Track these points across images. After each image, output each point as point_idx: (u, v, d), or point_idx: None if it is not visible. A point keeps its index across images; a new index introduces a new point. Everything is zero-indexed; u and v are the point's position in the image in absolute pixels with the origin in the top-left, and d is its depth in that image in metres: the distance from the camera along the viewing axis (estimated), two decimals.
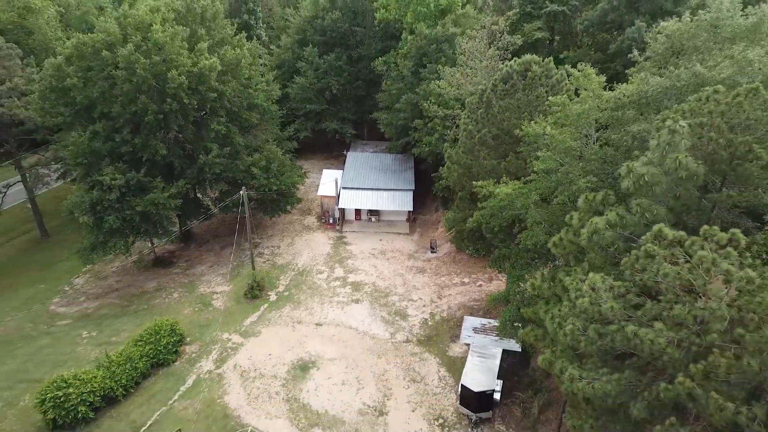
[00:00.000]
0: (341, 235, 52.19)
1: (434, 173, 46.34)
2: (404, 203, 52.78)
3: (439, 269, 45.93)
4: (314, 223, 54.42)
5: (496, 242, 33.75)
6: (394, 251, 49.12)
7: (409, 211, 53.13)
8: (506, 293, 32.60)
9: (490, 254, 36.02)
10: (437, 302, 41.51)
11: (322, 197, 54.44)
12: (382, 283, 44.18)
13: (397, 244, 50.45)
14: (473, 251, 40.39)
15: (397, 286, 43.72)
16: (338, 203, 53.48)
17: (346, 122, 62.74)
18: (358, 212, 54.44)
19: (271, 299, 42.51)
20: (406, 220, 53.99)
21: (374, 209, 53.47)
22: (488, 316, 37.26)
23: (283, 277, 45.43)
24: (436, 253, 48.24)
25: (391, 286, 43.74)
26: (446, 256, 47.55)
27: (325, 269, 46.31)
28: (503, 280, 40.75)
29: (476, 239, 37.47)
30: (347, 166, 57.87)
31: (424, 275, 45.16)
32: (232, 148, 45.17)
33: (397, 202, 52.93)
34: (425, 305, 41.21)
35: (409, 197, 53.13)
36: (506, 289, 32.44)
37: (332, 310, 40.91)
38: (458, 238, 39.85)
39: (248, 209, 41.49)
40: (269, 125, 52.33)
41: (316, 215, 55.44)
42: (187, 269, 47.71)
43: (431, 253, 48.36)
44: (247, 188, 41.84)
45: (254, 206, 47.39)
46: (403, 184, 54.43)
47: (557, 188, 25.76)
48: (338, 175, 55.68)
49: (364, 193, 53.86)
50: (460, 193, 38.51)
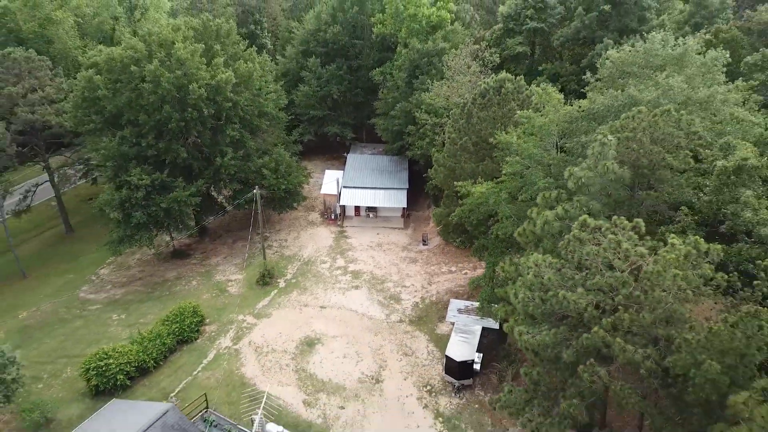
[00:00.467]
0: (342, 229, 55.76)
1: (426, 174, 48.75)
2: (399, 201, 56.20)
3: (429, 259, 50.13)
4: (318, 218, 58.17)
5: (476, 234, 38.43)
6: (389, 244, 53.01)
7: (403, 207, 56.44)
8: (484, 277, 36.61)
9: (473, 245, 40.52)
10: (427, 288, 45.81)
11: (324, 195, 58.03)
12: (378, 271, 48.24)
13: (392, 237, 54.31)
14: (459, 243, 44.39)
15: (392, 274, 47.79)
16: (339, 200, 56.81)
17: (346, 126, 65.86)
18: (357, 209, 57.46)
19: (280, 286, 46.70)
20: (400, 215, 57.21)
21: (372, 206, 56.67)
22: (471, 299, 41.40)
23: (290, 266, 49.57)
24: (427, 245, 52.27)
25: (386, 274, 47.81)
26: (436, 248, 51.76)
27: (327, 259, 50.35)
28: (485, 267, 45.16)
29: (461, 232, 41.80)
30: (347, 166, 61.01)
31: (416, 265, 49.29)
32: (244, 151, 49.19)
33: (392, 199, 56.24)
34: (417, 290, 45.45)
35: (403, 195, 56.52)
36: (484, 273, 36.70)
37: (334, 295, 45.05)
38: (445, 231, 44.04)
39: (260, 206, 45.76)
40: (277, 130, 56.22)
41: (319, 211, 59.10)
42: (203, 260, 51.89)
43: (423, 245, 52.30)
44: (258, 187, 45.71)
45: (264, 203, 50.77)
46: (398, 183, 57.66)
47: (522, 187, 30.68)
48: (339, 175, 58.96)
49: (362, 191, 57.04)
50: (446, 191, 42.67)
